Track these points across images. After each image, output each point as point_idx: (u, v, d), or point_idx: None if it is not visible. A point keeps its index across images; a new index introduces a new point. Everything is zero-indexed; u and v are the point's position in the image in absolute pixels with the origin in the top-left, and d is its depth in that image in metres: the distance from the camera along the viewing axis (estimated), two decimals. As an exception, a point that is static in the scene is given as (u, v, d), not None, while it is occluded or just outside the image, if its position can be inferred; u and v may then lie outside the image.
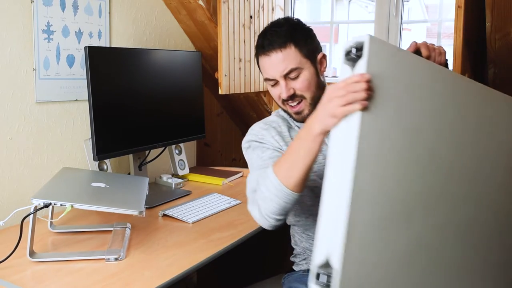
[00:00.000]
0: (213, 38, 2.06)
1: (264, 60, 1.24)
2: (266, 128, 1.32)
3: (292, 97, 1.23)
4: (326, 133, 0.98)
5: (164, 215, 1.51)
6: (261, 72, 1.31)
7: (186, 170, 2.00)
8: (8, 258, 1.12)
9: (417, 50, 1.11)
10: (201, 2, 1.92)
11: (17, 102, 1.48)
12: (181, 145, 2.00)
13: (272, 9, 2.23)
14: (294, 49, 1.22)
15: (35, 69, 1.52)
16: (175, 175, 1.98)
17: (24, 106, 1.50)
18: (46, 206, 1.12)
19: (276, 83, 1.24)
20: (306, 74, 1.23)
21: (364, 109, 0.82)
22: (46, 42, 1.55)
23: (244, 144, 1.34)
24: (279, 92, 1.24)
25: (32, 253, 1.15)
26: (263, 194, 1.12)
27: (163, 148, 1.87)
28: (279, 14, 2.29)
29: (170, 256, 1.21)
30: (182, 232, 1.38)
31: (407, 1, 2.10)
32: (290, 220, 1.33)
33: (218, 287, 2.03)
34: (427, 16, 2.88)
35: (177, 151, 1.98)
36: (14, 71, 1.47)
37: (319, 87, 1.26)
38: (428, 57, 1.09)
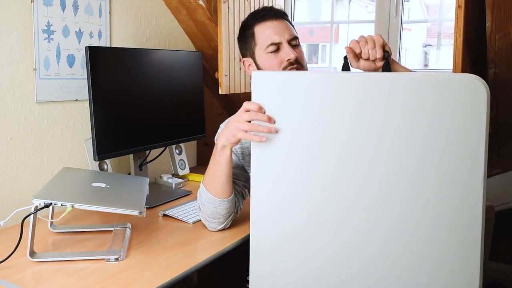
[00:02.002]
0: (213, 38, 2.06)
1: (270, 23, 1.32)
2: None
3: (296, 61, 1.31)
4: (229, 147, 1.19)
5: (165, 215, 1.51)
6: (249, 46, 1.36)
7: (187, 170, 2.00)
8: (9, 258, 1.12)
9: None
10: (201, 2, 1.92)
11: (17, 102, 1.48)
12: (182, 145, 2.00)
13: (272, 9, 2.23)
14: (291, 26, 1.36)
15: (35, 69, 1.52)
16: (176, 175, 1.98)
17: (25, 106, 1.50)
18: (47, 206, 1.12)
19: (278, 49, 1.32)
20: (301, 49, 1.37)
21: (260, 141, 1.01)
22: (46, 42, 1.55)
23: (215, 140, 1.42)
24: (283, 56, 1.31)
25: (32, 253, 1.15)
26: (200, 200, 1.32)
27: (163, 148, 1.87)
28: (279, 14, 2.29)
29: (171, 257, 1.21)
30: (183, 232, 1.38)
31: (407, 1, 2.10)
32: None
33: (218, 287, 2.03)
34: (427, 16, 2.88)
35: (177, 151, 1.98)
36: (14, 71, 1.47)
37: (304, 68, 1.38)
38: (359, 54, 1.12)
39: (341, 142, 1.00)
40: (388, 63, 1.12)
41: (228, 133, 1.15)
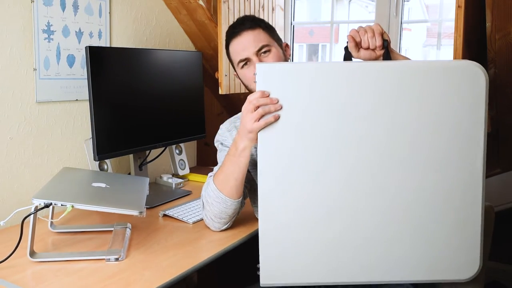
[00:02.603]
0: (213, 38, 2.06)
1: (237, 41, 1.35)
2: (229, 130, 1.43)
3: None
4: (249, 147, 1.17)
5: (165, 215, 1.51)
6: (232, 63, 1.41)
7: (187, 170, 2.00)
8: (9, 258, 1.12)
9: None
10: (201, 2, 1.92)
11: (17, 102, 1.48)
12: (182, 145, 2.00)
13: (273, 9, 2.23)
14: (263, 31, 1.36)
15: (35, 69, 1.52)
16: (176, 175, 1.98)
17: (25, 106, 1.50)
18: (47, 206, 1.12)
19: (248, 63, 1.34)
20: (276, 52, 1.36)
21: (276, 120, 1.00)
22: (46, 42, 1.55)
23: (215, 142, 1.46)
24: (253, 70, 1.31)
25: (32, 253, 1.15)
26: (206, 199, 1.30)
27: (163, 148, 1.87)
28: (279, 14, 2.29)
29: (171, 257, 1.21)
30: (183, 232, 1.38)
31: (407, 1, 2.10)
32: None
33: (218, 287, 2.03)
34: (427, 16, 2.88)
35: (177, 151, 1.98)
36: (14, 71, 1.47)
37: None
38: (360, 42, 1.13)
39: (343, 129, 1.01)
40: (388, 52, 1.13)
41: (244, 131, 1.12)
